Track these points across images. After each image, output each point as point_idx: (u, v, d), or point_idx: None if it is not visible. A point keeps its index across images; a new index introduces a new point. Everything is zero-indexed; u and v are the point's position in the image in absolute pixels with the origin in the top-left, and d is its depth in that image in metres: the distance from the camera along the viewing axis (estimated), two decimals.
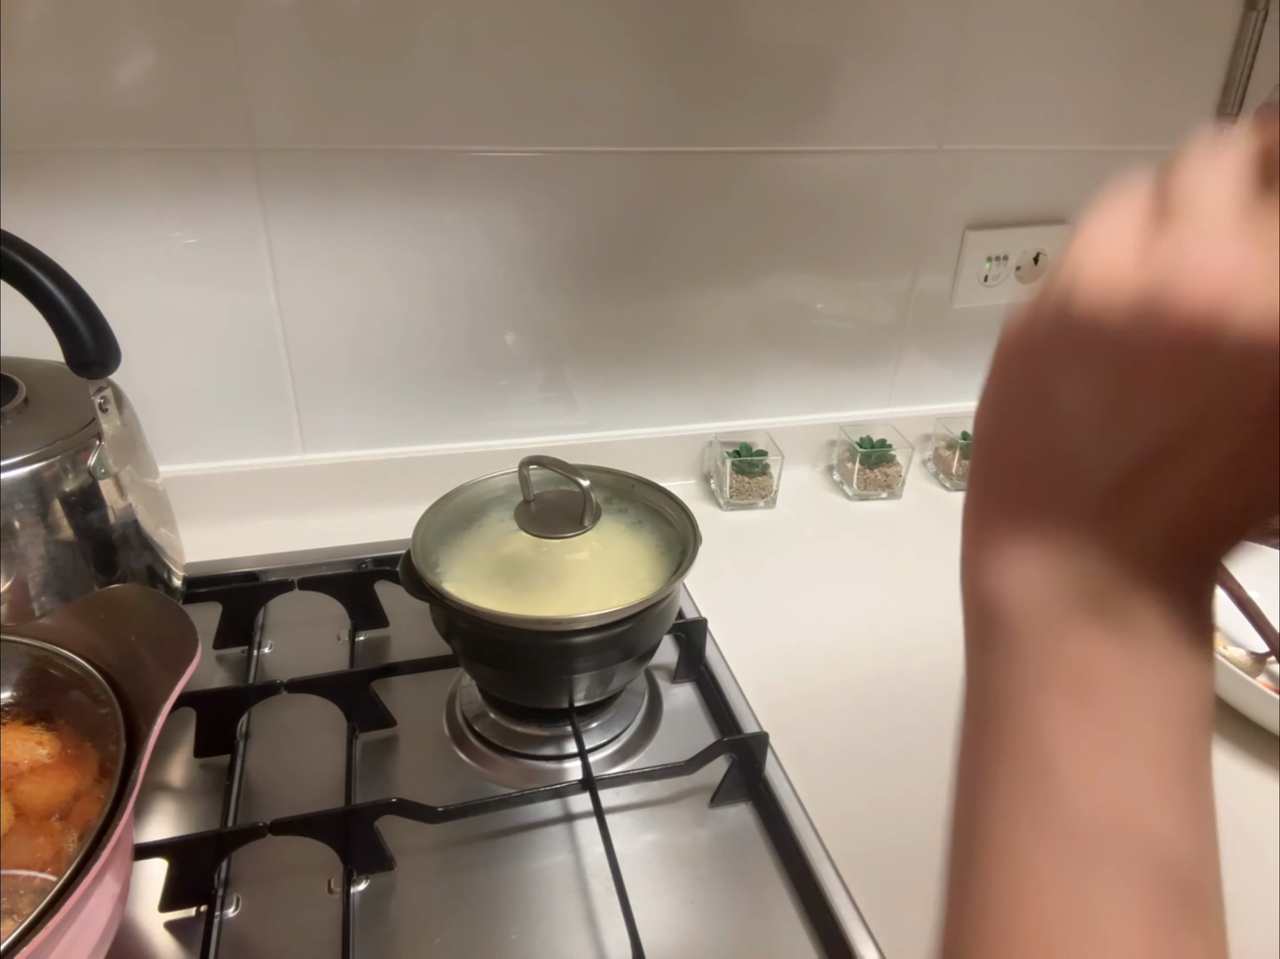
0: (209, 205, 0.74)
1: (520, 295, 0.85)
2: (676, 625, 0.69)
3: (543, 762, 0.62)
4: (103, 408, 0.56)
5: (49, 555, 0.55)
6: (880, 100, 0.85)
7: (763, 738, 0.60)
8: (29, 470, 0.53)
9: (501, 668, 0.60)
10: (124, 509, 0.59)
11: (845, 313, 0.96)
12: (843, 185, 0.88)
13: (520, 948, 0.50)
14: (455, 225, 0.80)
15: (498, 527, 0.63)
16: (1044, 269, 0.99)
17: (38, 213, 0.70)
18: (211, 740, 0.61)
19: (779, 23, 0.79)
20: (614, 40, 0.76)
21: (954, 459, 0.99)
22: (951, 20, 0.83)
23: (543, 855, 0.56)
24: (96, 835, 0.38)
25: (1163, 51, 0.91)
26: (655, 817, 0.59)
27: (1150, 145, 0.96)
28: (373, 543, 0.81)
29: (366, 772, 0.61)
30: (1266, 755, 0.65)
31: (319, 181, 0.75)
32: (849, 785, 0.62)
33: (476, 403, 0.89)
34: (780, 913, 0.53)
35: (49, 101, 0.67)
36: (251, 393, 0.82)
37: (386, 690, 0.65)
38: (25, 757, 0.43)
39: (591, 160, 0.80)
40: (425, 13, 0.71)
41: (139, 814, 0.57)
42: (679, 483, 0.98)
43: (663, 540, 0.63)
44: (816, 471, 1.03)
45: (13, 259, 0.48)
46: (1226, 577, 0.76)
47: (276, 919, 0.51)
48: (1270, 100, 0.95)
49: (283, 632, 0.73)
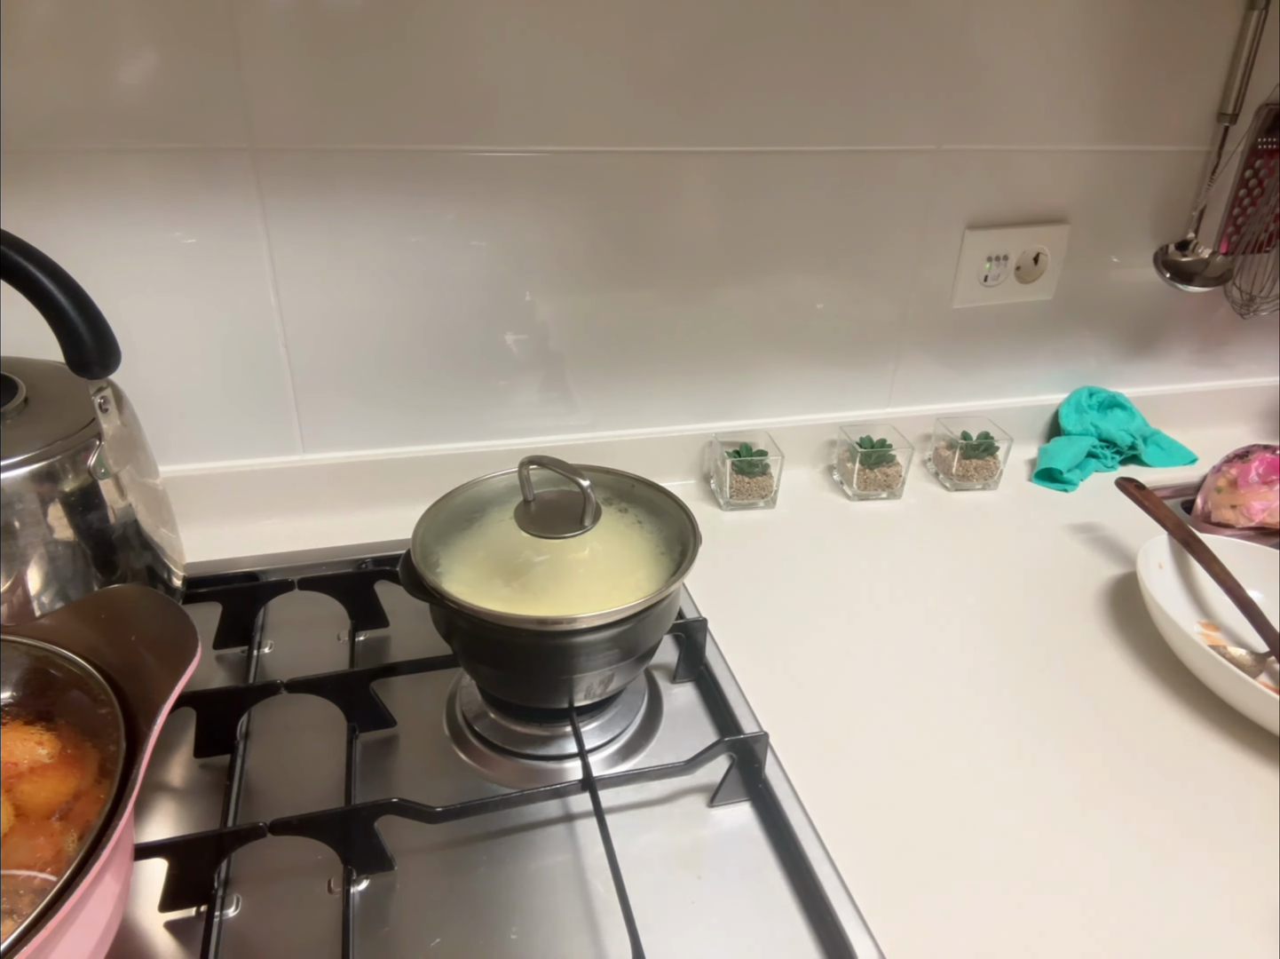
0: (209, 205, 0.74)
1: (520, 295, 0.85)
2: (676, 625, 0.69)
3: (543, 762, 0.62)
4: (103, 408, 0.56)
5: (49, 555, 0.55)
6: (880, 100, 0.85)
7: (763, 738, 0.60)
8: (29, 470, 0.53)
9: (501, 668, 0.60)
10: (124, 509, 0.59)
11: (845, 313, 0.96)
12: (843, 185, 0.88)
13: (520, 948, 0.50)
14: (455, 225, 0.80)
15: (498, 527, 0.63)
16: (1044, 269, 0.99)
17: (38, 213, 0.70)
18: (211, 740, 0.61)
19: (780, 23, 0.79)
20: (614, 40, 0.76)
21: (954, 459, 0.99)
22: (951, 20, 0.83)
23: (543, 855, 0.56)
24: (96, 835, 0.38)
25: (1163, 51, 0.91)
26: (655, 817, 0.59)
27: (1150, 145, 0.96)
28: (373, 543, 0.81)
29: (366, 772, 0.61)
30: (1266, 755, 0.65)
31: (319, 181, 0.75)
32: (849, 785, 0.62)
33: (476, 403, 0.89)
34: (780, 913, 0.53)
35: (49, 101, 0.67)
36: (251, 393, 0.82)
37: (386, 690, 0.65)
38: (25, 757, 0.43)
39: (591, 160, 0.80)
40: (425, 13, 0.71)
41: (139, 814, 0.57)
42: (679, 483, 0.98)
43: (663, 540, 0.63)
44: (816, 471, 1.03)
45: (13, 259, 0.48)
46: (1226, 576, 0.77)
47: (276, 919, 0.51)
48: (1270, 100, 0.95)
49: (283, 632, 0.73)
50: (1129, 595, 0.83)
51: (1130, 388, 1.11)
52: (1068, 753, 0.65)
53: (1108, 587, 0.85)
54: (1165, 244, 1.03)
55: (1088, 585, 0.85)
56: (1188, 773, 0.64)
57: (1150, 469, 1.07)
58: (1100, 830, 0.59)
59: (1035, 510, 0.98)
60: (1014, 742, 0.66)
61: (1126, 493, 0.89)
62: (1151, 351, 1.11)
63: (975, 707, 0.69)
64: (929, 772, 0.63)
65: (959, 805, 0.61)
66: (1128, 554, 0.89)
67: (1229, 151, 0.97)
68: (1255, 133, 0.97)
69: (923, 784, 0.62)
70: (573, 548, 0.61)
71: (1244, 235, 1.03)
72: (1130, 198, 0.99)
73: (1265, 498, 0.88)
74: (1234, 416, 1.17)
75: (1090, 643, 0.77)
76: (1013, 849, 0.58)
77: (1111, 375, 1.11)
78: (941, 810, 0.60)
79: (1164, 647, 0.75)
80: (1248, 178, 1.00)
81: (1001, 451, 1.00)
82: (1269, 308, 1.06)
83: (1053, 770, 0.64)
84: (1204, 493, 0.94)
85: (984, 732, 0.67)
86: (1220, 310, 1.10)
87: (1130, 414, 1.09)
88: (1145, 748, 0.66)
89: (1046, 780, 0.63)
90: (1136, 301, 1.07)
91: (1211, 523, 0.91)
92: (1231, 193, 1.01)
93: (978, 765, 0.64)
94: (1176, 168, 0.98)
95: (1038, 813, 0.60)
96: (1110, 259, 1.03)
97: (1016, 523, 0.95)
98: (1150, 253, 1.03)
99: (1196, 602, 0.80)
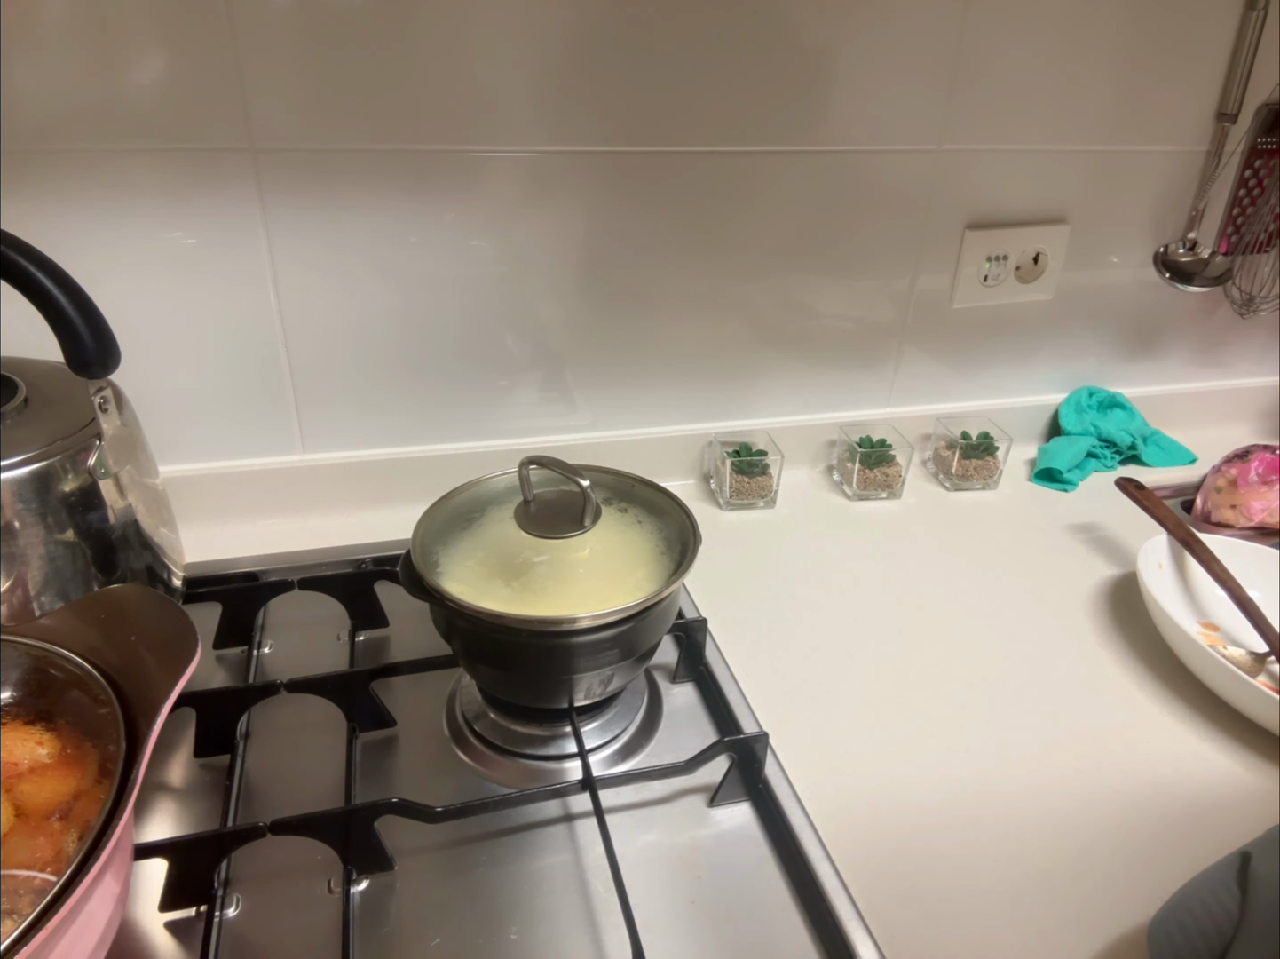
0: (209, 205, 0.74)
1: (520, 295, 0.85)
2: (676, 625, 0.69)
3: (543, 762, 0.62)
4: (103, 408, 0.56)
5: (49, 555, 0.55)
6: (880, 100, 0.85)
7: (763, 738, 0.60)
8: (29, 470, 0.53)
9: (501, 668, 0.60)
10: (124, 509, 0.59)
11: (845, 313, 0.96)
12: (843, 185, 0.88)
13: (520, 948, 0.50)
14: (455, 225, 0.80)
15: (498, 527, 0.63)
16: (1043, 268, 0.99)
17: (38, 213, 0.70)
18: (211, 740, 0.61)
19: (780, 23, 0.79)
20: (615, 40, 0.76)
21: (953, 459, 0.99)
22: (951, 20, 0.83)
23: (543, 855, 0.56)
24: (96, 835, 0.38)
25: (1163, 51, 0.91)
26: (655, 817, 0.59)
27: (1150, 145, 0.96)
28: (373, 543, 0.81)
29: (366, 772, 0.61)
30: (1266, 755, 0.65)
31: (319, 181, 0.75)
32: (849, 785, 0.62)
33: (476, 403, 0.89)
34: (780, 913, 0.53)
35: (49, 101, 0.67)
36: (251, 393, 0.82)
37: (386, 690, 0.65)
38: (25, 757, 0.43)
39: (591, 160, 0.80)
40: (425, 13, 0.71)
41: (139, 814, 0.57)
42: (679, 483, 0.98)
43: (663, 540, 0.63)
44: (816, 471, 1.03)
45: (13, 259, 0.48)
46: (1226, 576, 0.77)
47: (276, 919, 0.51)
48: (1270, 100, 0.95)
49: (283, 632, 0.73)
50: (1129, 595, 0.83)
51: (1130, 388, 1.11)
52: (1068, 753, 0.65)
53: (1108, 586, 0.85)
54: (1165, 244, 1.03)
55: (1088, 585, 0.85)
56: (1187, 773, 0.64)
57: (1150, 469, 1.08)
58: (1100, 828, 0.59)
59: (1035, 510, 0.98)
60: (1014, 741, 0.66)
61: (1126, 493, 0.89)
62: (1151, 351, 1.11)
63: (975, 706, 0.69)
64: (929, 771, 0.63)
65: (959, 805, 0.61)
66: (1128, 554, 0.89)
67: (1229, 151, 0.97)
68: (1255, 132, 0.97)
69: (923, 784, 0.63)
70: (573, 548, 0.61)
71: (1244, 235, 1.03)
72: (1130, 198, 0.99)
73: (1265, 498, 0.88)
74: (1234, 416, 1.17)
75: (1090, 643, 0.77)
76: (1013, 849, 0.58)
77: (1111, 375, 1.11)
78: (942, 810, 0.60)
79: (1164, 647, 0.75)
80: (1247, 178, 1.00)
81: (1001, 451, 1.00)
82: (1269, 308, 1.06)
83: (1053, 770, 0.64)
84: (1204, 493, 0.94)
85: (984, 731, 0.67)
86: (1220, 310, 1.10)
87: (1130, 414, 1.09)
88: (1145, 748, 0.66)
89: (1047, 780, 0.63)
90: (1136, 301, 1.07)
91: (1211, 523, 0.91)
92: (1231, 193, 1.01)
93: (978, 765, 0.64)
94: (1176, 168, 0.99)
95: (1038, 813, 0.60)
96: (1110, 259, 1.03)
97: (1016, 523, 0.95)
98: (1150, 253, 1.04)
99: (1196, 602, 0.80)
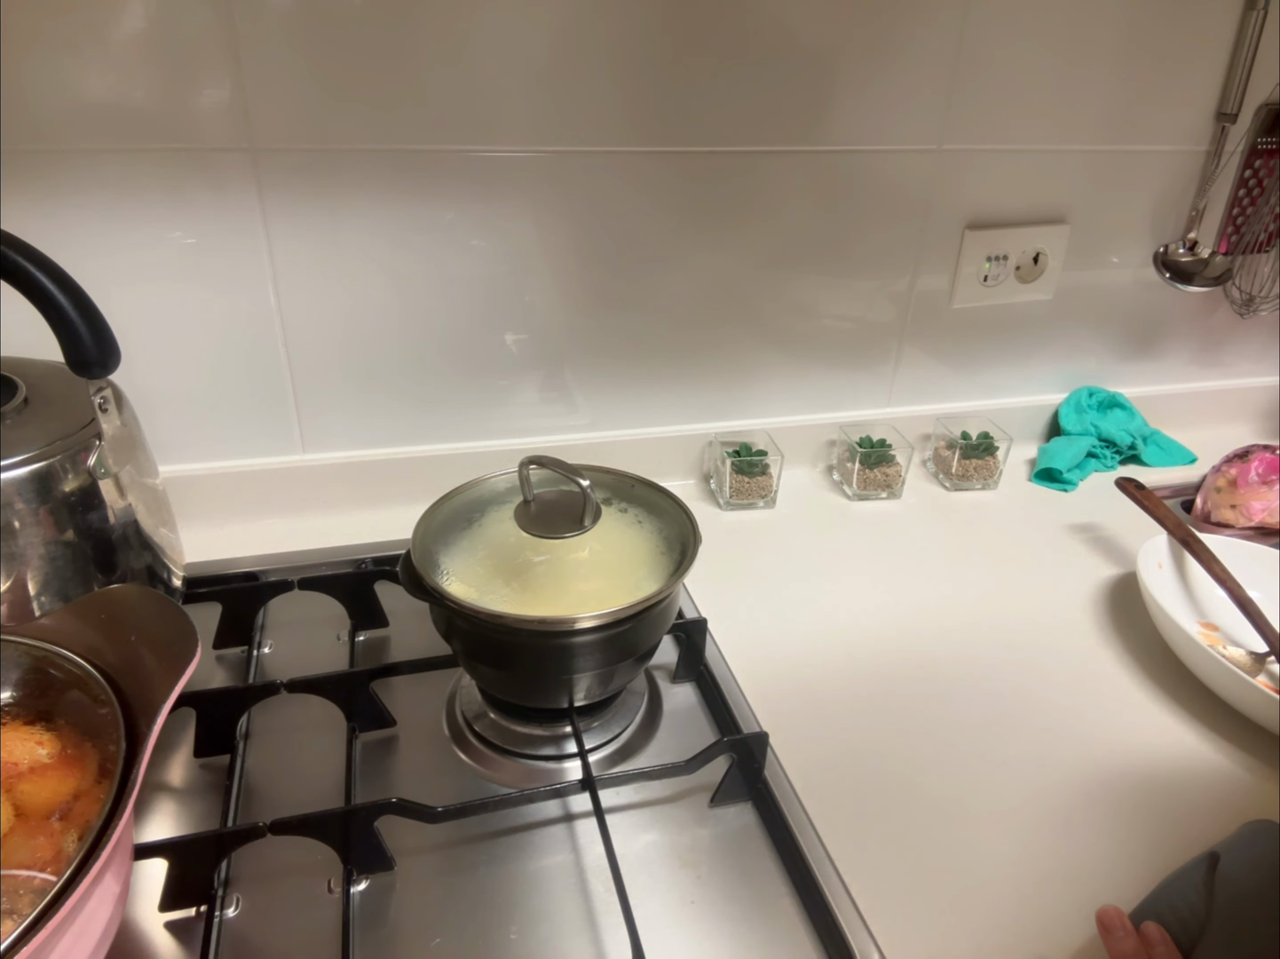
0: (209, 205, 0.74)
1: (520, 295, 0.85)
2: (676, 625, 0.69)
3: (543, 762, 0.62)
4: (102, 408, 0.56)
5: (49, 555, 0.55)
6: (880, 100, 0.85)
7: (763, 738, 0.60)
8: (29, 470, 0.53)
9: (501, 668, 0.60)
10: (124, 509, 0.59)
11: (845, 313, 0.96)
12: (843, 185, 0.88)
13: (520, 948, 0.50)
14: (455, 225, 0.80)
15: (498, 527, 0.63)
16: (1043, 268, 0.99)
17: (38, 213, 0.70)
18: (211, 740, 0.61)
19: (780, 23, 0.79)
20: (615, 40, 0.76)
21: (953, 459, 0.99)
22: (951, 20, 0.83)
23: (543, 855, 0.56)
24: (96, 835, 0.38)
25: (1163, 51, 0.91)
26: (655, 816, 0.59)
27: (1150, 145, 0.96)
28: (373, 543, 0.81)
29: (366, 772, 0.61)
30: (1266, 755, 0.65)
31: (319, 182, 0.75)
32: (849, 785, 0.62)
33: (476, 403, 0.89)
34: (780, 913, 0.53)
35: (49, 101, 0.67)
36: (251, 393, 0.82)
37: (386, 690, 0.65)
38: (25, 757, 0.43)
39: (592, 160, 0.80)
40: (425, 13, 0.71)
41: (139, 814, 0.57)
42: (679, 483, 0.98)
43: (663, 540, 0.63)
44: (816, 471, 1.03)
45: (13, 259, 0.48)
46: (1226, 576, 0.77)
47: (276, 919, 0.51)
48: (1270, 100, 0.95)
49: (283, 632, 0.73)
50: (1129, 595, 0.83)
51: (1130, 388, 1.11)
52: (1068, 753, 0.65)
53: (1108, 587, 0.85)
54: (1165, 244, 1.03)
55: (1088, 585, 0.85)
56: (1188, 773, 0.64)
57: (1150, 469, 1.08)
58: (1100, 828, 0.59)
59: (1035, 510, 0.98)
60: (1014, 741, 0.66)
61: (1126, 493, 0.89)
62: (1151, 351, 1.11)
63: (975, 706, 0.69)
64: (928, 771, 0.63)
65: (959, 805, 0.61)
66: (1128, 554, 0.89)
67: (1228, 151, 0.97)
68: (1254, 133, 0.97)
69: (922, 783, 0.62)
70: (573, 548, 0.61)
71: (1244, 235, 1.03)
72: (1130, 198, 0.99)
73: (1265, 498, 0.88)
74: (1234, 416, 1.17)
75: (1090, 643, 0.77)
76: (1013, 850, 0.58)
77: (1111, 375, 1.11)
78: (941, 810, 0.60)
79: (1164, 647, 0.75)
80: (1247, 178, 1.00)
81: (1001, 451, 1.00)
82: (1269, 308, 1.06)
83: (1053, 771, 0.64)
84: (1204, 493, 0.94)
85: (984, 731, 0.67)
86: (1220, 310, 1.10)
87: (1130, 414, 1.09)
88: (1145, 747, 0.66)
89: (1046, 781, 0.63)
90: (1136, 301, 1.07)
91: (1211, 523, 0.91)
92: (1231, 193, 1.01)
93: (977, 765, 0.64)
94: (1176, 168, 0.99)
95: (1038, 813, 0.60)
96: (1110, 259, 1.03)
97: (1016, 523, 0.95)
98: (1150, 253, 1.04)
99: (1196, 602, 0.80)
